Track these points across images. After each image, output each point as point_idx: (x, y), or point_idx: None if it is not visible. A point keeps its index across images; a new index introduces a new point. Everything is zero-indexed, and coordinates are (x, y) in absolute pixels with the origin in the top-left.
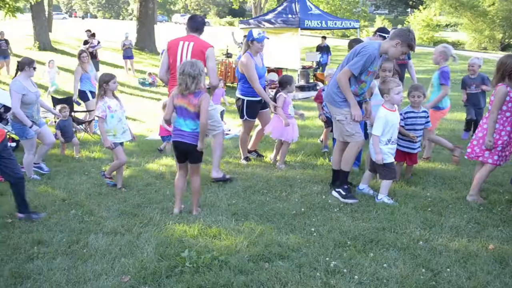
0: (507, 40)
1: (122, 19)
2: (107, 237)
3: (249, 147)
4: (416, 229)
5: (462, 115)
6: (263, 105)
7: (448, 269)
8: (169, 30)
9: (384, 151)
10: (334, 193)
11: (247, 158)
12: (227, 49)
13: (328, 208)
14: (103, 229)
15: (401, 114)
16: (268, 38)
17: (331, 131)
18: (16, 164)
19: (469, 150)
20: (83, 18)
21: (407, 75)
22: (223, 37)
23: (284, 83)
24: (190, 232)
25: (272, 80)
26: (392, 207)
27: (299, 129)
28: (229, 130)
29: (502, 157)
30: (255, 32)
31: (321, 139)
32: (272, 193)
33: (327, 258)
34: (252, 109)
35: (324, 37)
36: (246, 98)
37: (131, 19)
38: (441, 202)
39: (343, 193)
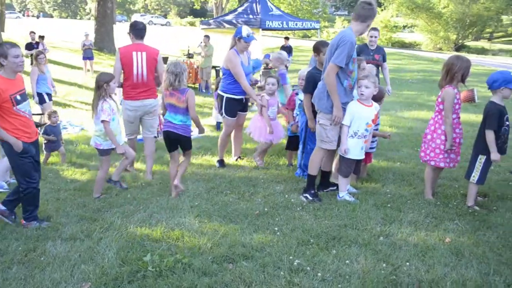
0: (461, 41)
1: (80, 19)
2: (65, 244)
3: (233, 157)
4: (376, 225)
5: (419, 113)
6: (243, 107)
7: (408, 263)
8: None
9: (350, 145)
10: (302, 198)
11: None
12: (188, 50)
13: (291, 207)
14: (62, 236)
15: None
16: (256, 40)
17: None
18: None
19: (422, 154)
20: (38, 17)
21: (380, 75)
22: (184, 37)
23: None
24: (152, 235)
25: (257, 79)
26: (353, 205)
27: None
28: (192, 132)
29: (452, 159)
30: (244, 31)
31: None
32: (235, 193)
33: (291, 257)
34: (231, 107)
35: (287, 38)
36: (226, 95)
37: (89, 19)
38: (400, 198)
39: (310, 198)
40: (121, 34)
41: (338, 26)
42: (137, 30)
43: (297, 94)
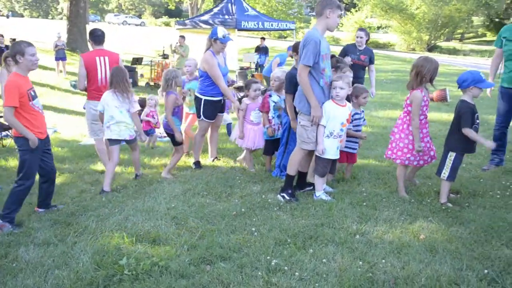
0: (433, 42)
1: (52, 19)
2: (38, 249)
3: (210, 158)
4: (352, 224)
5: (394, 113)
6: (221, 108)
7: (384, 260)
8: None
9: (326, 145)
10: (279, 197)
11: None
12: (163, 50)
13: (268, 207)
14: (34, 241)
15: (356, 113)
16: (232, 40)
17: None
18: (53, 159)
19: (389, 152)
20: (7, 17)
21: (366, 75)
22: (159, 37)
23: (247, 85)
24: (128, 238)
25: (233, 80)
26: (330, 204)
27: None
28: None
29: (417, 157)
30: (220, 32)
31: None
32: (212, 194)
33: (268, 257)
34: (209, 109)
35: (263, 38)
36: (204, 98)
37: (61, 19)
38: (376, 196)
39: (287, 197)
40: None
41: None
42: (96, 37)
43: (270, 96)
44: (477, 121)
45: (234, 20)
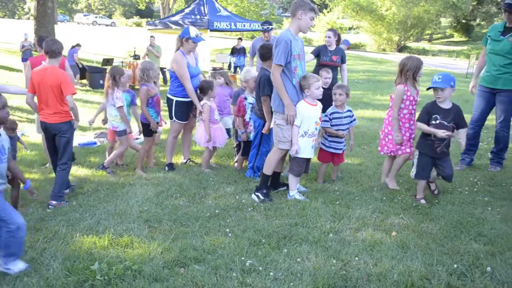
0: (403, 42)
1: (18, 19)
2: None
3: (183, 159)
4: (326, 222)
5: (365, 112)
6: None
7: (357, 258)
8: (71, 31)
9: (300, 144)
10: (253, 197)
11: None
12: (135, 51)
13: (242, 208)
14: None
15: (326, 115)
16: (204, 40)
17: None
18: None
19: (379, 148)
20: None
21: (338, 76)
22: (130, 38)
23: (205, 89)
24: (100, 243)
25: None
26: (303, 203)
27: None
28: (140, 135)
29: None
30: (193, 32)
31: (236, 161)
32: (186, 196)
33: (243, 258)
34: (181, 110)
35: (240, 39)
36: (175, 99)
37: (28, 19)
38: (348, 195)
39: (261, 197)
40: (62, 35)
41: (286, 28)
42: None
43: (245, 98)
44: (434, 122)
45: (206, 20)
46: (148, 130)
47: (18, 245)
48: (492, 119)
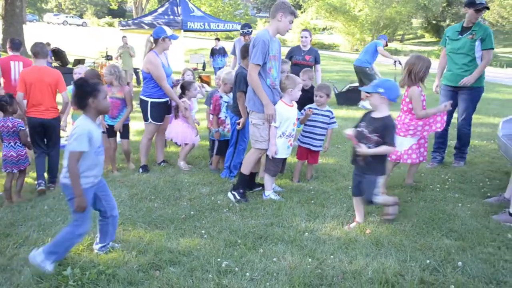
0: None
1: None
2: None
3: (157, 161)
4: (301, 222)
5: (338, 112)
6: (168, 110)
7: (332, 256)
8: (41, 31)
9: (279, 144)
10: (230, 195)
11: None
12: (107, 51)
13: (217, 209)
14: None
15: (304, 109)
16: (178, 37)
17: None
18: None
19: (393, 156)
20: None
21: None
22: (103, 38)
23: (186, 88)
24: (73, 248)
25: (178, 80)
26: (279, 203)
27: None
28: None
29: (421, 153)
30: (168, 30)
31: (210, 162)
32: (160, 198)
33: (219, 259)
34: (157, 112)
35: (217, 39)
36: (150, 100)
37: None
38: (323, 194)
39: (237, 197)
40: (32, 35)
41: (260, 28)
42: (14, 44)
43: (221, 97)
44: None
45: (179, 21)
46: (112, 131)
47: (66, 248)
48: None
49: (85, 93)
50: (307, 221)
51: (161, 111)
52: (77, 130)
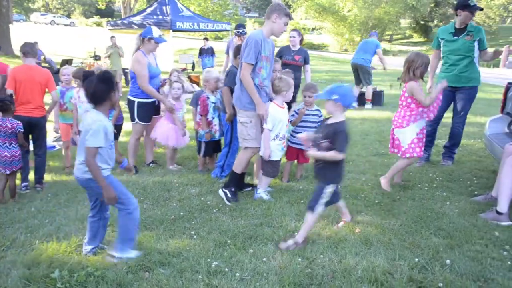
0: None
1: None
2: None
3: (146, 162)
4: (291, 222)
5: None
6: (156, 110)
7: (322, 255)
8: (28, 30)
9: (271, 148)
10: (221, 192)
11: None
12: (95, 51)
13: (207, 209)
14: None
15: (294, 111)
16: (166, 41)
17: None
18: None
19: (395, 150)
20: None
21: (302, 76)
22: (91, 38)
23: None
24: (61, 249)
25: (165, 79)
26: (268, 203)
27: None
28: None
29: (421, 148)
30: (155, 32)
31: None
32: (149, 199)
33: (208, 259)
34: (145, 112)
35: (206, 39)
36: (137, 100)
37: None
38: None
39: (229, 195)
40: (18, 35)
41: (249, 28)
42: None
43: (208, 98)
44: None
45: (168, 21)
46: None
47: (134, 228)
48: (448, 117)
49: (110, 86)
50: (297, 221)
51: (148, 111)
52: (93, 126)
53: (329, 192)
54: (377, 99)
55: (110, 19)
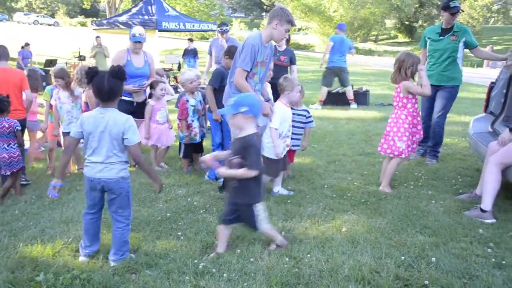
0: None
1: None
2: None
3: (132, 163)
4: (278, 221)
5: (314, 112)
6: (138, 113)
7: (309, 255)
8: (10, 30)
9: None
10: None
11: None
12: (79, 52)
13: (194, 210)
14: None
15: None
16: (144, 42)
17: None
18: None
19: (388, 150)
20: None
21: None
22: (75, 38)
23: (152, 88)
24: (46, 252)
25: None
26: None
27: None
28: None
29: (409, 147)
30: (134, 30)
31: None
32: (136, 200)
33: (196, 260)
34: (124, 109)
35: (190, 40)
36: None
37: None
38: (300, 193)
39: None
40: (2, 35)
41: (236, 28)
42: None
43: (187, 101)
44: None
45: (154, 20)
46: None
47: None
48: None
49: (123, 80)
50: (284, 220)
51: (125, 110)
52: (131, 122)
53: (260, 208)
54: (363, 99)
55: (94, 19)
